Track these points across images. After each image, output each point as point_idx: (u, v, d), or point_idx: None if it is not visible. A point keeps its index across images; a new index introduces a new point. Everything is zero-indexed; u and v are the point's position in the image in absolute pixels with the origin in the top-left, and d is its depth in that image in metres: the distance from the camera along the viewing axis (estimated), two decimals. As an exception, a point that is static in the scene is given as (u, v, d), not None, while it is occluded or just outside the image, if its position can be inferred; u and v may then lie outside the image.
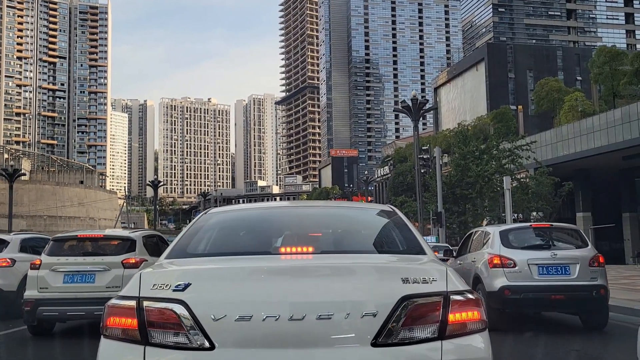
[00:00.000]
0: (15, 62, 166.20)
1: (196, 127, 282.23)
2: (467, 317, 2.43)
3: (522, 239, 8.74)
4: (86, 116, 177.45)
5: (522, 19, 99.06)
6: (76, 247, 8.45)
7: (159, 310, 2.34)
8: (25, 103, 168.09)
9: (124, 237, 8.64)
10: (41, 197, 67.94)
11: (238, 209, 4.09)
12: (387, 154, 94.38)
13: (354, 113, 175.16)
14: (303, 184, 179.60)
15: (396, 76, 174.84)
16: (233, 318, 2.28)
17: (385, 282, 2.45)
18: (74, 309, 7.77)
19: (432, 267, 2.62)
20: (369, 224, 3.61)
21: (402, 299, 2.35)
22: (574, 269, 8.04)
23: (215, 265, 2.71)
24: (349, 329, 2.31)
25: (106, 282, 7.86)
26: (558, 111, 51.23)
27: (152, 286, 2.42)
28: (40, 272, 7.95)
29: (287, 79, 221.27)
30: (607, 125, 38.70)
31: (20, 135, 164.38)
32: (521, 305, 8.23)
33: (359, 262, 2.71)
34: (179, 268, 2.70)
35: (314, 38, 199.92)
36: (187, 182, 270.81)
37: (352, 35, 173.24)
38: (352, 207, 4.50)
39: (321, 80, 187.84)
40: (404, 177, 61.90)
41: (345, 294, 2.38)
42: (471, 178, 27.87)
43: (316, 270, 2.56)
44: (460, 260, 10.03)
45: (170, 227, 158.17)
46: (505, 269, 8.11)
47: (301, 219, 3.53)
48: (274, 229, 3.41)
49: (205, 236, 3.25)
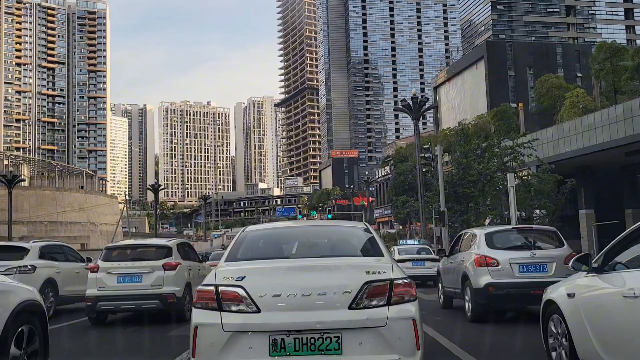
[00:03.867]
0: (14, 69, 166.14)
1: (196, 130, 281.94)
2: (403, 293, 4.07)
3: (505, 240, 9.59)
4: (86, 121, 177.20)
5: (521, 16, 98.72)
6: (125, 254, 10.53)
7: (228, 292, 4.03)
8: (24, 109, 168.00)
9: (162, 245, 10.73)
10: (41, 203, 67.69)
11: (265, 227, 6.05)
12: (388, 154, 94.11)
13: (354, 114, 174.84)
14: (304, 186, 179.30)
15: (395, 76, 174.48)
16: (270, 295, 3.97)
17: (356, 273, 4.10)
18: (126, 303, 9.91)
19: (385, 264, 4.29)
20: (349, 236, 5.35)
21: (366, 283, 4.01)
22: (551, 267, 8.87)
23: (257, 266, 4.48)
24: (335, 300, 3.96)
25: (151, 281, 9.91)
26: (559, 108, 50.94)
27: (223, 278, 4.15)
28: (99, 275, 9.99)
29: (286, 81, 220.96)
30: (609, 121, 38.40)
31: (20, 141, 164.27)
32: (504, 300, 9.03)
33: (341, 262, 4.55)
34: (236, 268, 4.38)
35: (312, 40, 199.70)
36: (187, 186, 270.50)
37: (351, 36, 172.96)
38: (339, 225, 7.10)
39: (320, 81, 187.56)
40: (404, 177, 61.58)
41: (333, 281, 4.06)
42: (473, 176, 27.57)
43: (316, 267, 4.35)
44: (452, 260, 10.78)
45: (171, 230, 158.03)
46: (490, 267, 8.97)
47: (307, 233, 5.60)
48: (290, 241, 5.30)
49: (246, 247, 4.98)
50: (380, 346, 3.91)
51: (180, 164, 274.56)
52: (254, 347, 3.89)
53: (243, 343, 3.91)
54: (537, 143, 34.04)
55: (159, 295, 9.88)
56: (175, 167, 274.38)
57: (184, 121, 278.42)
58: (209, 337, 3.97)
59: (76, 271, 12.57)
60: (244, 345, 3.90)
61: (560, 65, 69.61)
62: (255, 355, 3.88)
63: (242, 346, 3.90)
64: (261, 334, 3.90)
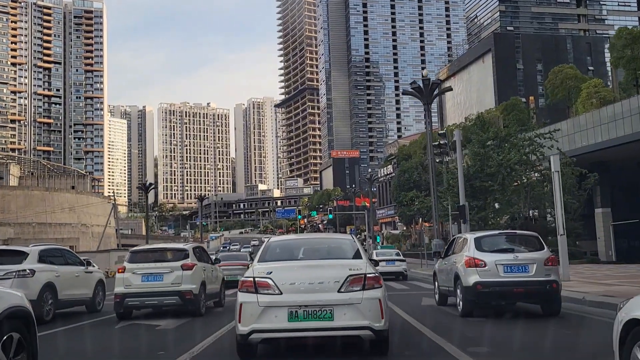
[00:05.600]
0: (10, 68, 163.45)
1: (195, 132, 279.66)
2: (373, 282, 6.15)
3: (492, 243, 10.65)
4: (82, 122, 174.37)
5: (530, 8, 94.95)
6: (148, 256, 11.87)
7: (261, 281, 6.13)
8: (20, 110, 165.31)
9: (180, 248, 12.17)
10: (29, 204, 64.80)
11: (282, 239, 8.13)
12: (390, 153, 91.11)
13: (355, 113, 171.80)
14: (304, 187, 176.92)
15: (397, 75, 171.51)
16: (288, 283, 6.08)
17: (343, 269, 6.22)
18: (150, 299, 11.30)
19: (362, 264, 6.41)
20: (339, 245, 7.51)
21: (349, 276, 6.12)
22: (532, 268, 9.94)
23: (279, 265, 6.54)
24: (329, 287, 6.06)
25: (171, 280, 11.24)
26: (574, 100, 47.96)
27: (258, 273, 6.24)
28: (125, 275, 11.33)
29: (286, 81, 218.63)
30: (630, 112, 35.64)
31: (16, 142, 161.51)
32: (490, 297, 10.05)
33: (333, 262, 6.64)
34: (265, 266, 6.47)
35: (312, 39, 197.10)
36: (187, 188, 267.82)
37: (352, 34, 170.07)
38: (332, 237, 9.61)
39: (320, 80, 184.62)
40: (409, 174, 58.65)
41: (328, 274, 6.17)
42: (492, 168, 24.58)
43: (317, 265, 6.52)
44: (446, 261, 11.90)
45: (169, 233, 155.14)
46: (478, 268, 10.05)
47: (310, 243, 8.00)
48: (299, 248, 7.45)
49: (271, 252, 7.12)
50: (357, 315, 6.01)
51: (179, 166, 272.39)
52: (278, 316, 6.00)
53: (271, 313, 6.02)
54: (554, 137, 30.99)
55: (179, 292, 11.12)
56: (175, 169, 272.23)
57: (183, 122, 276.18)
58: (249, 310, 6.08)
59: (75, 275, 12.63)
60: (272, 314, 6.02)
61: (571, 59, 66.19)
62: (278, 321, 6.00)
63: (270, 315, 6.02)
64: (282, 307, 6.00)
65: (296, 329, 5.94)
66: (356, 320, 5.92)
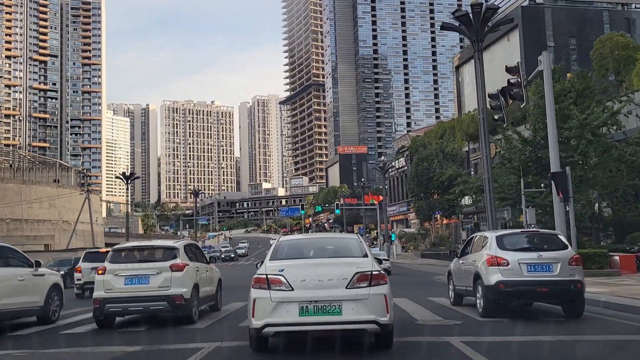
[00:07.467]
0: (4, 61, 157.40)
1: (199, 130, 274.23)
2: (379, 279, 6.53)
3: (514, 242, 10.49)
4: (80, 117, 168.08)
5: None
6: (132, 256, 10.74)
7: (274, 278, 6.54)
8: (15, 104, 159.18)
9: (169, 246, 10.94)
10: (3, 198, 58.17)
11: (292, 238, 8.30)
12: (402, 145, 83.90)
13: (362, 107, 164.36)
14: (309, 186, 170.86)
15: (406, 67, 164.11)
16: (299, 280, 6.47)
17: (350, 267, 6.59)
18: (134, 305, 10.11)
19: (368, 261, 6.79)
20: (346, 244, 7.67)
21: (356, 273, 6.50)
22: (556, 267, 9.84)
23: (290, 262, 6.89)
24: (338, 283, 6.44)
25: (158, 283, 10.11)
26: (626, 73, 40.89)
27: (270, 270, 6.65)
28: (106, 277, 10.19)
29: (291, 78, 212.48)
30: None
31: (10, 138, 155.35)
32: (513, 296, 10.06)
33: (341, 260, 6.95)
34: (278, 264, 6.84)
35: (318, 34, 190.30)
36: (190, 187, 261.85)
37: (359, 25, 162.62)
38: (340, 237, 9.41)
39: (327, 73, 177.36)
40: (429, 163, 51.57)
41: (336, 271, 6.54)
42: (569, 132, 17.54)
43: (326, 263, 6.86)
44: (463, 260, 11.77)
45: (170, 232, 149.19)
46: (500, 267, 9.96)
47: (320, 242, 8.35)
48: (309, 246, 7.78)
49: (282, 251, 7.43)
50: (364, 310, 6.39)
51: (182, 164, 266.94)
52: (289, 311, 6.38)
53: (283, 308, 6.40)
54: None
55: (167, 296, 9.88)
56: (178, 168, 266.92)
57: (186, 120, 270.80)
58: (262, 305, 6.46)
59: (19, 279, 10.46)
60: (284, 309, 6.40)
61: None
62: (290, 316, 6.38)
63: (282, 310, 6.40)
64: (294, 303, 6.39)
65: (307, 322, 6.40)
66: (363, 314, 6.39)
